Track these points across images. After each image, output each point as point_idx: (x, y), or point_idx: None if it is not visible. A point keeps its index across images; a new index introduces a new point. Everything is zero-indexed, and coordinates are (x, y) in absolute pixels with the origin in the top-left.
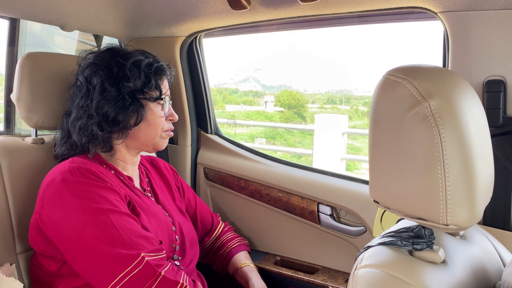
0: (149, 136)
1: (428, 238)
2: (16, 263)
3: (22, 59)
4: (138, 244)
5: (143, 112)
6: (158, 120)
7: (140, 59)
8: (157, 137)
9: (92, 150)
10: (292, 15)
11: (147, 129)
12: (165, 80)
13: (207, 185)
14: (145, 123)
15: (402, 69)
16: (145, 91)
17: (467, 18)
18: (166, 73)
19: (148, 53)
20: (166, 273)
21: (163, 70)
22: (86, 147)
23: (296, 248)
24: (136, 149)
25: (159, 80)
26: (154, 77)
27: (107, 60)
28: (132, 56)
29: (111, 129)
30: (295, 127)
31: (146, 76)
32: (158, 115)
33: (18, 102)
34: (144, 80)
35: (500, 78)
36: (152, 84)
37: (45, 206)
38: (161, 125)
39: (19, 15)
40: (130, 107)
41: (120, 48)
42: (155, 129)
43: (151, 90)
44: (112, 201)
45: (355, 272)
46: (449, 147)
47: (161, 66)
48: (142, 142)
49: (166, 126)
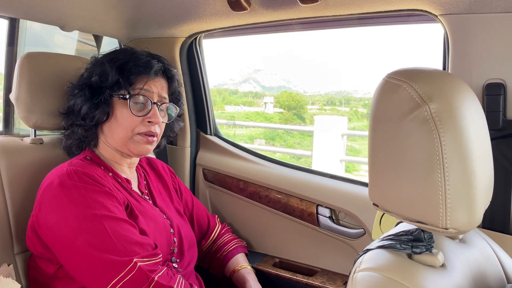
0: (119, 136)
1: (428, 242)
2: (13, 264)
3: (22, 59)
4: (130, 251)
5: (108, 109)
6: (127, 120)
7: (118, 57)
8: (128, 138)
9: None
10: (292, 16)
11: (117, 128)
12: (149, 80)
13: (206, 187)
14: (115, 121)
15: (402, 72)
16: (115, 88)
17: (467, 21)
18: (149, 72)
19: (138, 53)
20: (159, 278)
21: (144, 69)
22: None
23: (294, 250)
24: (117, 150)
25: (136, 79)
26: (126, 75)
27: (96, 61)
28: (114, 55)
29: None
30: (295, 129)
31: (116, 74)
32: (127, 114)
33: (17, 102)
34: (115, 78)
35: (500, 81)
36: (120, 82)
37: (42, 209)
38: (131, 125)
39: (19, 15)
40: (100, 103)
41: (118, 49)
42: (123, 129)
43: (120, 88)
44: (108, 207)
45: (354, 276)
46: (449, 150)
47: (143, 64)
48: (117, 143)
49: (142, 129)
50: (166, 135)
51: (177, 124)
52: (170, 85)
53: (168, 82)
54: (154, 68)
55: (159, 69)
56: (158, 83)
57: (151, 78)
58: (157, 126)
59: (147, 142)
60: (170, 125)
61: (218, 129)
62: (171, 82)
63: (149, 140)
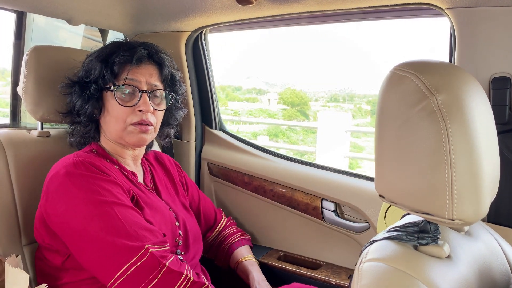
0: (114, 128)
1: (434, 233)
2: (21, 255)
3: (29, 52)
4: (142, 236)
5: (99, 104)
6: (118, 111)
7: (104, 51)
8: (122, 130)
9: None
10: (298, 10)
11: (111, 121)
12: (132, 68)
13: (211, 181)
14: (108, 114)
15: (409, 64)
16: (102, 82)
17: (474, 14)
18: (131, 60)
19: (125, 43)
20: (170, 264)
21: (127, 58)
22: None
23: (299, 244)
24: (117, 142)
25: (120, 69)
26: (110, 67)
27: (87, 57)
28: (101, 49)
29: (81, 119)
30: (298, 125)
31: (100, 67)
32: (116, 106)
33: (24, 95)
34: (98, 71)
35: (507, 75)
36: (105, 74)
37: (50, 199)
38: (122, 116)
39: (25, 8)
40: (89, 98)
41: (108, 43)
42: (116, 121)
43: (107, 81)
44: (116, 194)
45: (360, 266)
46: (456, 142)
47: (126, 54)
48: (114, 135)
49: (134, 119)
50: (169, 123)
51: (180, 111)
52: (161, 71)
53: (158, 69)
54: (137, 55)
55: (143, 55)
56: (145, 71)
57: (134, 66)
58: (150, 115)
59: (141, 131)
60: (172, 112)
61: (223, 124)
62: (161, 67)
63: (143, 129)
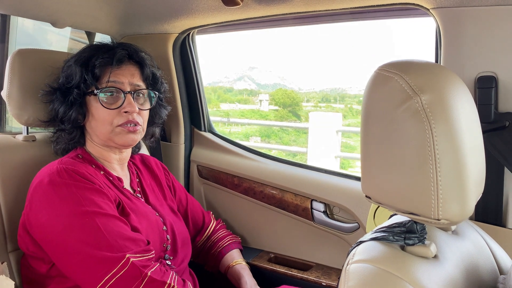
0: (102, 131)
1: (420, 233)
2: (7, 262)
3: (13, 55)
4: (123, 246)
5: (83, 109)
6: (103, 114)
7: (82, 55)
8: (110, 132)
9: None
10: (285, 11)
11: (97, 125)
12: (113, 70)
13: (201, 183)
14: (93, 118)
15: (393, 64)
16: (84, 87)
17: (459, 14)
18: (112, 62)
19: (103, 46)
20: (152, 273)
21: (107, 60)
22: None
23: (289, 245)
24: (104, 146)
25: (101, 72)
26: (91, 70)
27: (65, 63)
28: (80, 53)
29: (65, 126)
30: (290, 126)
31: (81, 71)
32: (101, 110)
33: (8, 100)
34: (79, 75)
35: (492, 74)
36: (86, 79)
37: (33, 208)
38: (109, 119)
39: (9, 11)
40: (73, 104)
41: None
42: (103, 124)
43: (89, 85)
44: (99, 203)
45: (347, 267)
46: (440, 141)
47: (105, 56)
48: (102, 138)
49: (120, 120)
50: (154, 122)
51: (164, 109)
52: (142, 70)
53: (139, 68)
54: (117, 56)
55: (123, 56)
56: (127, 71)
57: (115, 67)
58: (136, 115)
59: (129, 131)
60: (156, 111)
61: (212, 126)
62: (142, 67)
63: (131, 129)
